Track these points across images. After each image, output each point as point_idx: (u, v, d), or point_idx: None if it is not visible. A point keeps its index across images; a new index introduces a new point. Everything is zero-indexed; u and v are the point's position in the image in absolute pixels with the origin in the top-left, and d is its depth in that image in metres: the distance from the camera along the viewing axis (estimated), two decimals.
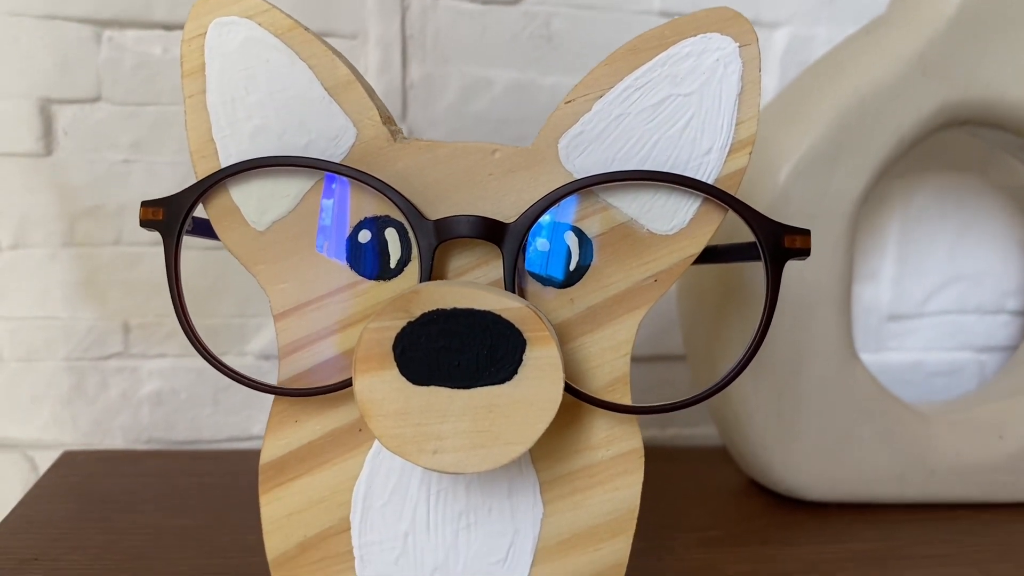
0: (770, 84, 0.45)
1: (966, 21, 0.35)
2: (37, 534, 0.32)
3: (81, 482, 0.37)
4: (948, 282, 0.48)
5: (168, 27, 0.40)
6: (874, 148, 0.35)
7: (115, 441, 0.42)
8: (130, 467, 0.39)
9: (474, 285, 0.21)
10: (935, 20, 0.36)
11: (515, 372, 0.21)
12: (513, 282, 0.23)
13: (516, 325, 0.21)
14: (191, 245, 0.38)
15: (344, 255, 0.24)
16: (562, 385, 0.21)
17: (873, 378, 0.38)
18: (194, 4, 0.23)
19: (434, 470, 0.21)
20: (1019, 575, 0.32)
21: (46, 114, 0.40)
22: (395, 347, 0.21)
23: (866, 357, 0.48)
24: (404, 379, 0.21)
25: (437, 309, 0.21)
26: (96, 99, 0.40)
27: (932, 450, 0.38)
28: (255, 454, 0.24)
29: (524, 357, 0.21)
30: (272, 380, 0.24)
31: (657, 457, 0.42)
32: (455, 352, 0.21)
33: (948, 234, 0.47)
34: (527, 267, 0.24)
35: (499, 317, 0.21)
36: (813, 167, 0.35)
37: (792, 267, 0.35)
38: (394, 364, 0.21)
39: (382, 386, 0.21)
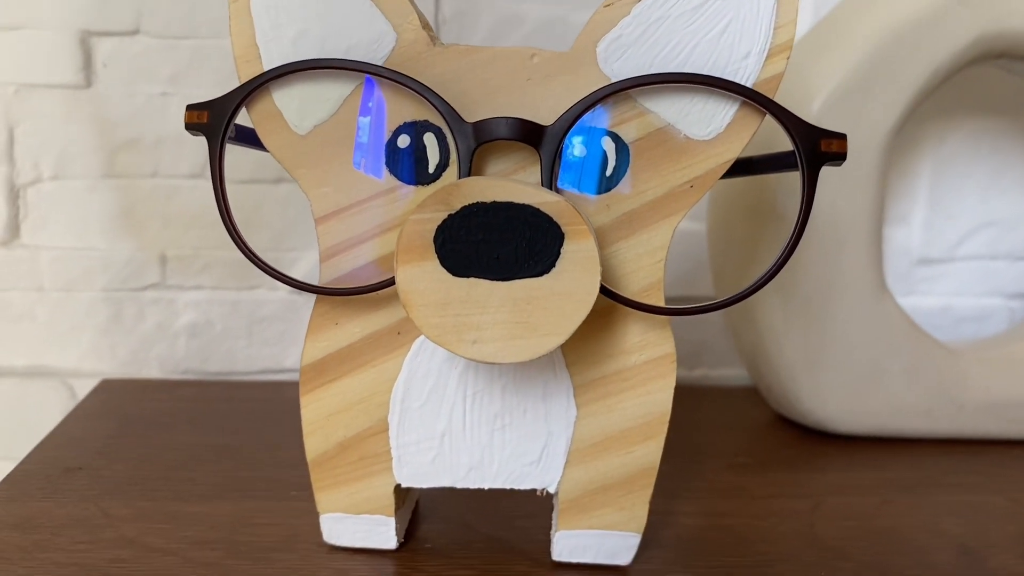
0: (805, 18, 0.44)
1: None
2: (79, 448, 0.33)
3: (120, 406, 0.38)
4: (980, 227, 0.48)
5: None
6: (908, 80, 0.35)
7: (152, 371, 0.43)
8: (167, 394, 0.40)
9: (514, 180, 0.22)
10: None
11: (553, 265, 0.21)
12: (551, 185, 0.23)
13: (554, 219, 0.21)
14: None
15: (383, 160, 0.24)
16: (599, 278, 0.21)
17: (903, 313, 0.38)
18: None
19: (473, 360, 0.22)
20: None
21: (86, 46, 0.40)
22: (436, 239, 0.21)
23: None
24: (444, 270, 0.21)
25: (477, 202, 0.21)
26: (135, 32, 0.40)
27: (961, 385, 0.38)
28: (289, 385, 0.24)
29: (562, 250, 0.21)
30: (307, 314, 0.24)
31: (686, 395, 0.43)
32: (494, 244, 0.21)
33: (981, 178, 0.47)
34: (564, 173, 0.24)
35: (538, 211, 0.21)
36: (846, 99, 0.35)
37: (824, 197, 0.35)
38: (435, 255, 0.21)
39: (423, 277, 0.21)
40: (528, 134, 0.23)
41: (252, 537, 0.27)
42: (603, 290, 0.23)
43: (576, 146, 0.24)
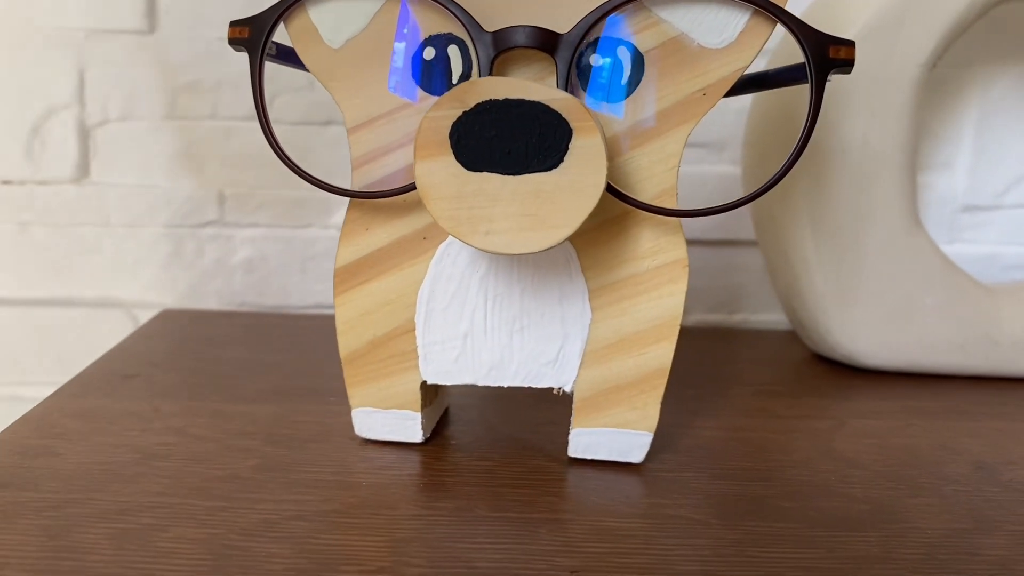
0: None
1: None
2: (137, 360, 0.36)
3: (177, 329, 0.41)
4: None
5: None
6: (942, 12, 0.35)
7: (210, 303, 0.46)
8: (223, 321, 0.42)
9: (527, 81, 0.23)
10: None
11: (561, 160, 0.22)
12: (566, 91, 0.24)
13: (563, 115, 0.22)
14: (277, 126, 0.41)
15: (411, 72, 0.26)
16: (604, 172, 0.22)
17: (937, 249, 0.38)
18: None
19: (485, 250, 0.23)
20: None
21: None
22: (451, 135, 0.23)
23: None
24: (459, 165, 0.23)
25: (490, 100, 0.22)
26: None
27: (996, 322, 0.38)
28: None
29: (570, 145, 0.22)
30: None
31: (723, 335, 0.44)
32: (506, 140, 0.22)
33: None
34: (581, 82, 0.25)
35: (547, 107, 0.22)
36: (878, 31, 0.35)
37: (855, 131, 0.36)
38: (450, 151, 0.23)
39: (439, 171, 0.23)
40: (544, 41, 0.24)
41: (289, 431, 0.29)
42: (617, 194, 0.25)
43: (593, 56, 0.25)
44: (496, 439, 0.29)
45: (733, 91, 0.27)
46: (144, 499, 0.23)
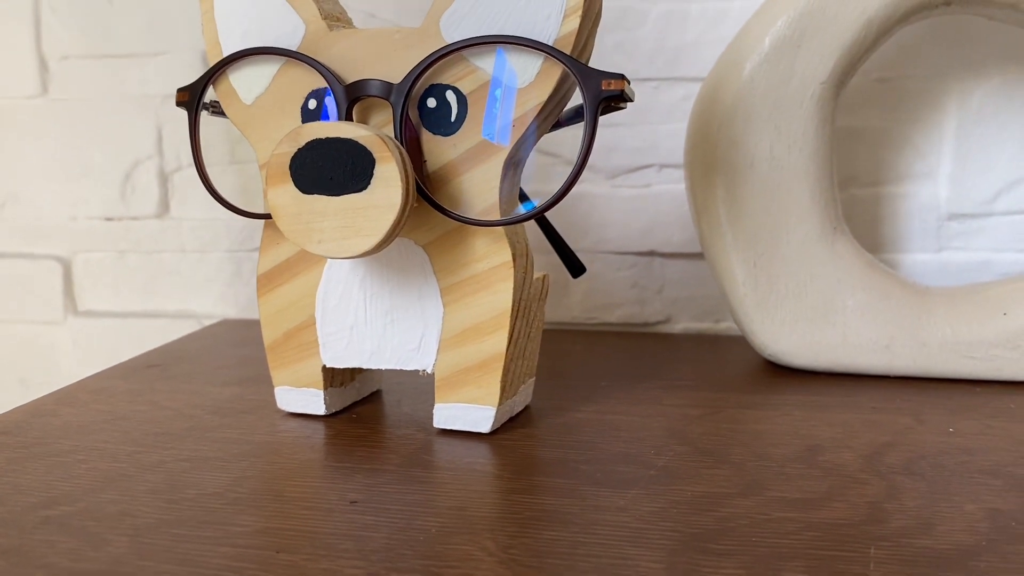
0: None
1: None
2: (166, 355, 0.45)
3: (221, 334, 0.50)
4: (1019, 180, 0.47)
5: None
6: (839, 32, 0.38)
7: None
8: None
9: (342, 122, 0.29)
10: None
11: (369, 183, 0.28)
12: (402, 130, 0.30)
13: (368, 148, 0.28)
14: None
15: (300, 119, 0.33)
16: (400, 192, 0.28)
17: (859, 251, 0.40)
18: None
19: (319, 255, 0.29)
20: (949, 421, 0.34)
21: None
22: (290, 167, 0.29)
23: (925, 256, 0.48)
24: (297, 189, 0.29)
25: (316, 138, 0.29)
26: None
27: (925, 324, 0.39)
28: None
29: (374, 172, 0.28)
30: None
31: (695, 341, 0.47)
32: (329, 168, 0.29)
33: (1016, 130, 0.47)
34: (423, 121, 0.31)
35: (356, 142, 0.28)
36: (777, 54, 0.38)
37: (760, 145, 0.39)
38: (290, 179, 0.29)
39: (283, 195, 0.29)
40: (381, 90, 0.30)
41: (236, 406, 0.36)
42: (443, 211, 0.30)
43: (428, 100, 0.31)
44: (390, 414, 0.35)
45: (557, 126, 0.32)
46: (89, 444, 0.31)
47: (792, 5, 0.38)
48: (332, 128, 0.29)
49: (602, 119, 0.33)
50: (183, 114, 0.53)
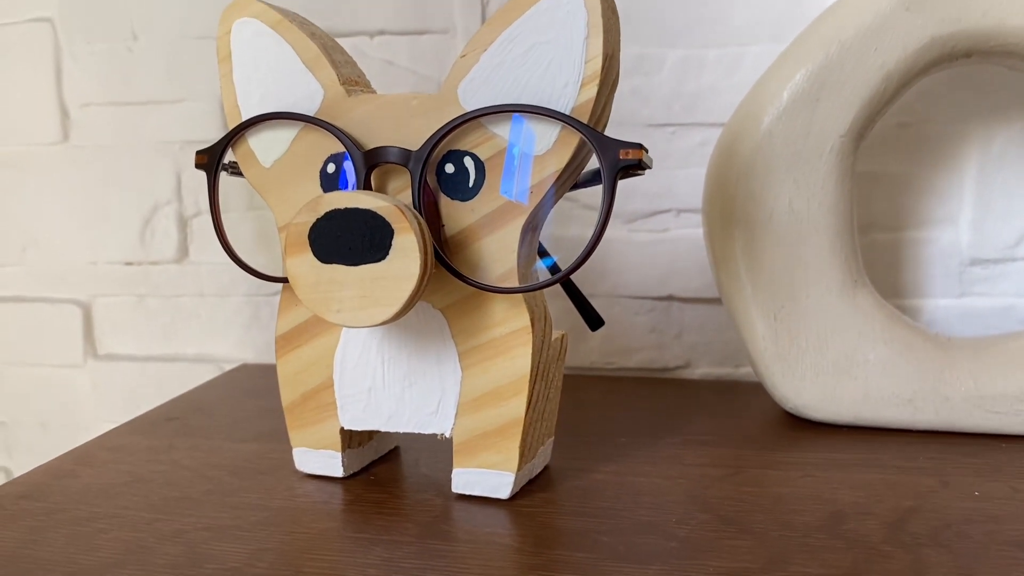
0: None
1: None
2: (186, 405, 0.45)
3: (241, 381, 0.50)
4: None
5: None
6: (858, 86, 0.38)
7: None
8: None
9: (361, 192, 0.29)
10: None
11: (387, 253, 0.28)
12: (420, 196, 0.30)
13: (386, 218, 0.28)
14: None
15: (319, 182, 0.33)
16: (419, 263, 0.28)
17: (880, 304, 0.40)
18: (223, 11, 0.34)
19: (337, 324, 0.29)
20: (974, 483, 0.33)
21: None
22: (309, 236, 0.29)
23: (948, 302, 0.48)
24: (315, 259, 0.29)
25: (335, 208, 0.29)
26: None
27: (947, 377, 0.39)
28: None
29: (392, 242, 0.28)
30: None
31: (715, 389, 0.47)
32: (348, 238, 0.29)
33: None
34: (441, 186, 0.31)
35: (375, 213, 0.28)
36: (795, 107, 0.38)
37: (780, 199, 0.39)
38: (309, 248, 0.29)
39: (302, 264, 0.29)
40: (399, 157, 0.30)
41: (253, 465, 0.36)
42: (461, 277, 0.30)
43: (447, 165, 0.31)
44: (409, 476, 0.35)
45: (575, 187, 0.32)
46: (110, 510, 0.31)
47: (810, 59, 0.38)
48: (351, 198, 0.29)
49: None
50: None
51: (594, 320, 0.40)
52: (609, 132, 0.31)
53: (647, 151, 0.29)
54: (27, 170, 0.56)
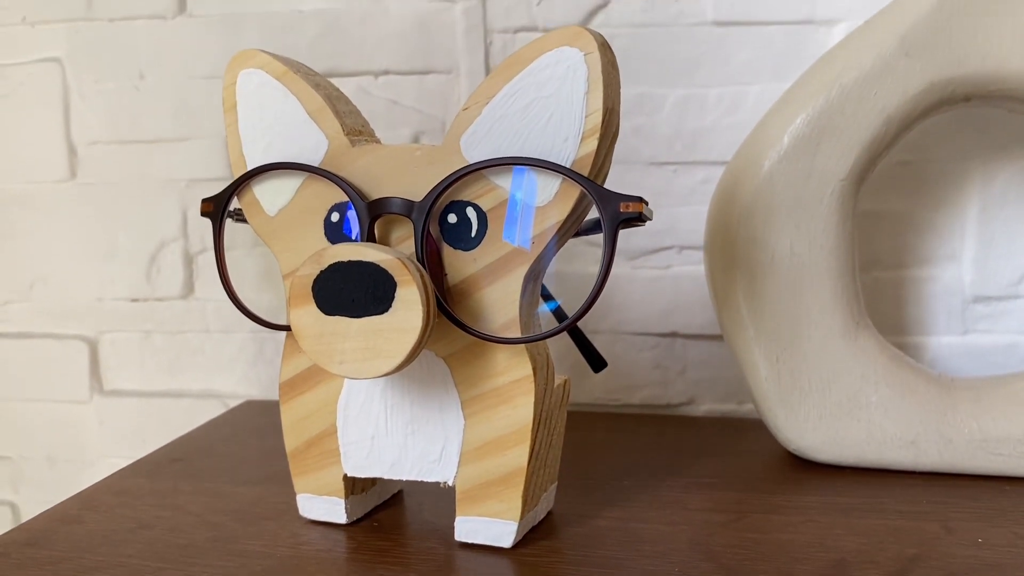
0: None
1: (951, 2, 0.37)
2: (190, 446, 0.45)
3: (246, 419, 0.50)
4: None
5: None
6: (858, 130, 0.38)
7: None
8: None
9: (365, 244, 0.29)
10: (919, 4, 0.37)
11: (390, 306, 0.29)
12: (423, 246, 0.31)
13: (389, 271, 0.29)
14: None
15: (323, 230, 0.33)
16: (421, 315, 0.28)
17: (883, 345, 0.40)
18: (229, 61, 0.34)
19: (340, 375, 0.30)
20: (977, 529, 0.33)
21: None
22: (313, 288, 0.29)
23: (951, 339, 0.48)
24: (319, 311, 0.29)
25: (338, 261, 0.29)
26: None
27: (950, 420, 0.39)
28: None
29: (395, 295, 0.29)
30: None
31: (719, 427, 0.47)
32: (351, 291, 0.29)
33: None
34: (444, 236, 0.31)
35: (378, 266, 0.29)
36: (795, 151, 0.38)
37: (782, 241, 0.39)
38: (312, 300, 0.29)
39: (306, 316, 0.30)
40: (403, 208, 0.31)
41: (257, 510, 0.36)
42: (462, 327, 0.31)
43: (449, 216, 0.31)
44: (412, 523, 0.35)
45: (577, 234, 0.33)
46: (115, 559, 0.32)
47: (810, 102, 0.38)
48: (354, 251, 0.29)
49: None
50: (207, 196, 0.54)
51: (597, 362, 0.41)
52: (612, 171, 0.31)
53: (647, 203, 0.29)
54: (35, 207, 0.57)
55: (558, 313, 0.40)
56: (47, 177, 0.56)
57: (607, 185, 0.32)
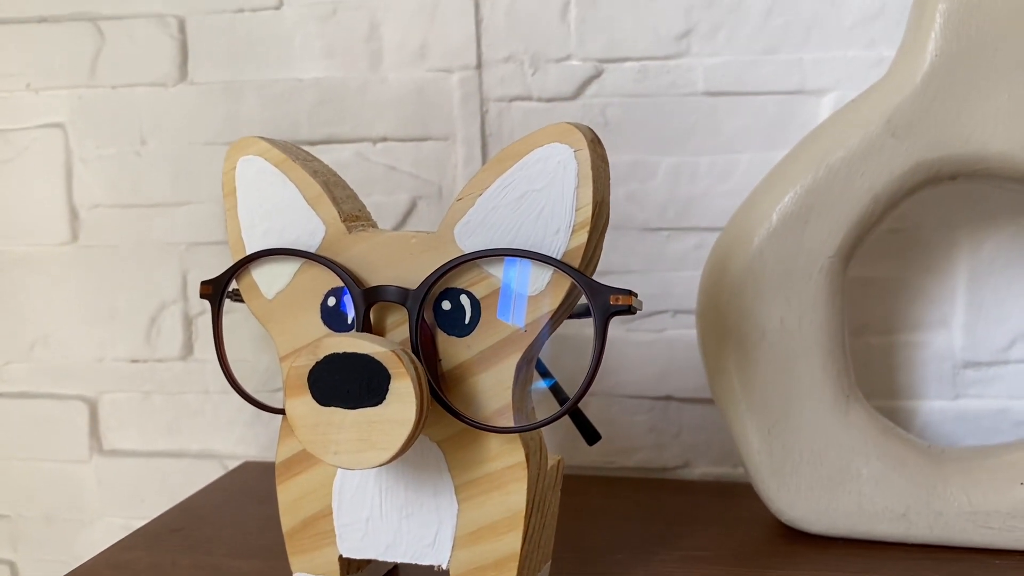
0: None
1: (935, 84, 0.38)
2: (189, 513, 0.45)
3: (245, 482, 0.51)
4: None
5: None
6: (846, 208, 0.39)
7: None
8: None
9: (361, 336, 0.30)
10: (903, 86, 0.38)
11: (384, 398, 0.29)
12: (416, 333, 0.31)
13: (384, 364, 0.29)
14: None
15: (319, 315, 0.34)
16: (415, 408, 0.29)
17: (873, 417, 0.40)
18: (228, 148, 0.35)
19: (334, 465, 0.30)
20: None
21: None
22: (309, 379, 0.30)
23: (942, 404, 0.49)
24: (315, 401, 0.30)
25: (334, 352, 0.30)
26: None
27: (940, 493, 0.39)
28: None
29: (390, 387, 0.29)
30: None
31: (715, 492, 0.47)
32: (346, 382, 0.29)
33: None
34: (438, 322, 0.32)
35: (372, 358, 0.29)
36: (785, 228, 0.39)
37: (772, 317, 0.39)
38: (308, 391, 0.30)
39: (301, 406, 0.30)
40: (398, 296, 0.31)
41: None
42: (455, 413, 0.31)
43: (443, 303, 0.32)
44: None
45: (570, 317, 0.33)
46: None
47: (798, 180, 0.39)
48: (349, 343, 0.30)
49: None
50: (207, 260, 0.55)
51: (591, 435, 0.41)
52: (608, 236, 0.32)
53: (636, 295, 0.30)
54: (37, 269, 0.57)
55: (555, 390, 0.40)
56: (49, 240, 0.57)
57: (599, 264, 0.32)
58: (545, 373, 0.39)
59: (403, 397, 0.29)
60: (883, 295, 0.48)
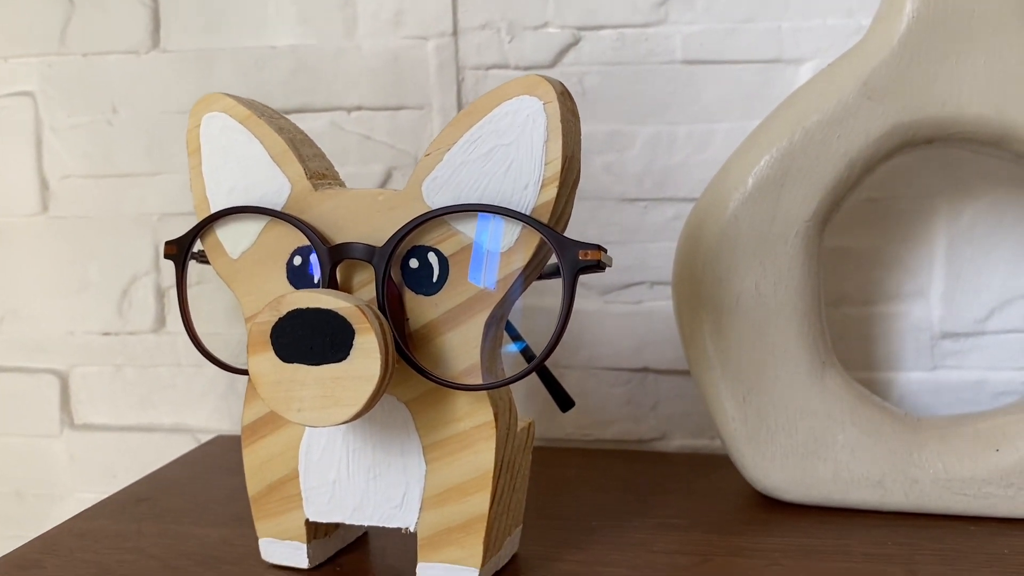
0: None
1: (911, 47, 0.37)
2: (157, 484, 0.45)
3: (215, 456, 0.50)
4: (1012, 299, 0.47)
5: None
6: (822, 173, 0.38)
7: None
8: None
9: (325, 291, 0.29)
10: (880, 49, 0.38)
11: (348, 354, 0.29)
12: (383, 291, 0.31)
13: (347, 319, 0.29)
14: None
15: (285, 274, 0.33)
16: (379, 363, 0.28)
17: (849, 384, 0.40)
18: (193, 105, 0.34)
19: (298, 423, 0.29)
20: (941, 574, 0.33)
21: None
22: (271, 335, 0.29)
23: (920, 375, 0.48)
24: (277, 358, 0.29)
25: (297, 308, 0.29)
26: None
27: (916, 460, 0.39)
28: None
29: (354, 342, 0.28)
30: None
31: (692, 464, 0.46)
32: (309, 338, 0.29)
33: (1006, 251, 0.47)
34: (405, 280, 0.31)
35: (336, 314, 0.29)
36: (760, 193, 0.39)
37: (746, 282, 0.39)
38: (271, 347, 0.29)
39: (264, 363, 0.29)
40: (364, 254, 0.31)
41: (220, 553, 0.36)
42: (422, 372, 0.30)
43: (411, 261, 0.31)
44: (374, 569, 0.35)
45: (540, 278, 0.33)
46: None
47: (774, 144, 0.39)
48: (312, 298, 0.29)
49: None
50: (181, 231, 0.54)
51: (565, 401, 0.41)
52: (584, 207, 0.31)
53: (606, 251, 0.29)
54: (7, 241, 0.56)
55: (526, 353, 0.40)
56: (19, 211, 0.56)
57: (572, 226, 0.32)
58: (516, 337, 0.39)
59: (367, 352, 0.28)
60: (861, 265, 0.48)
